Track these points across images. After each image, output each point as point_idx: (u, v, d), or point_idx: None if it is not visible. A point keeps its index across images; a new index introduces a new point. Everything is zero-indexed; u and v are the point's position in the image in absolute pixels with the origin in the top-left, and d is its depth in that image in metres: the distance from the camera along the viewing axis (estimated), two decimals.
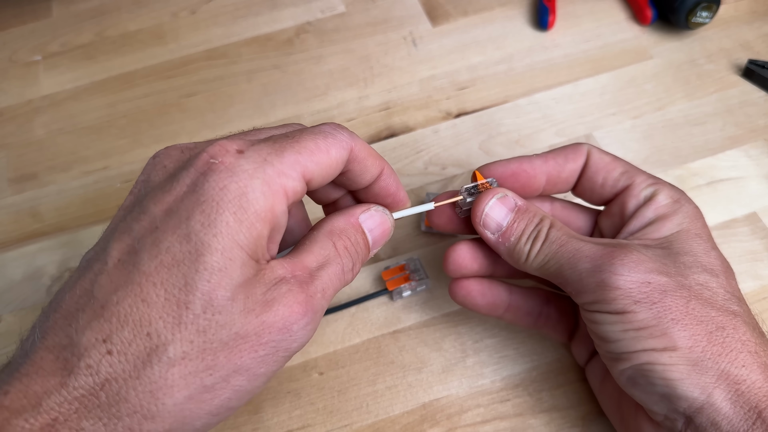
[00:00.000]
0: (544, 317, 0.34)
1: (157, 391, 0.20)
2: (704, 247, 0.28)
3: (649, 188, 0.30)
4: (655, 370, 0.25)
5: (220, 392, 0.22)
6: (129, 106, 0.50)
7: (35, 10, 0.57)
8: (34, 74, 0.52)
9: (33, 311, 0.40)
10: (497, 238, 0.30)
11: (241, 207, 0.21)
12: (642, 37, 0.51)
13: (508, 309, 0.34)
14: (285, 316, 0.22)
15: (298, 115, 0.48)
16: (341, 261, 0.26)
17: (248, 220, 0.22)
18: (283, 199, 0.23)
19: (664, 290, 0.26)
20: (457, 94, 0.49)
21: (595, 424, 0.34)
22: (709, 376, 0.24)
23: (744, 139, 0.44)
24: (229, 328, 0.21)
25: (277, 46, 0.53)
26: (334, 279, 0.25)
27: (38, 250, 0.43)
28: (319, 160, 0.24)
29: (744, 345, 0.25)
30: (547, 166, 0.32)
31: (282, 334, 0.22)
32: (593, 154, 0.32)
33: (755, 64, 0.47)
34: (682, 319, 0.25)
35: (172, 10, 0.56)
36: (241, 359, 0.22)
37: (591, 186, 0.32)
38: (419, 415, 0.35)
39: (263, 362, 0.22)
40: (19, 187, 0.46)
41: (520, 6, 0.53)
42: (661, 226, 0.29)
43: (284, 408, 0.35)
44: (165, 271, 0.21)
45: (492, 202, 0.30)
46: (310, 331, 0.23)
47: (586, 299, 0.27)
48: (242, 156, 0.22)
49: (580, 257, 0.27)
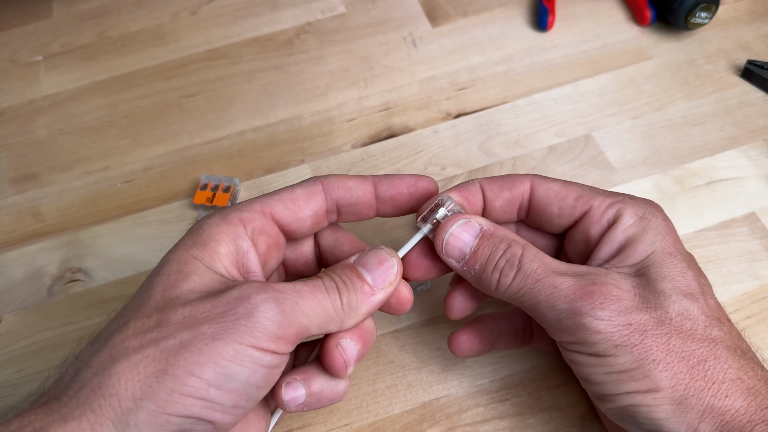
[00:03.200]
0: (528, 332, 0.34)
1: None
2: (680, 269, 0.28)
3: (611, 210, 0.29)
4: (640, 412, 0.25)
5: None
6: (130, 107, 0.50)
7: (36, 10, 0.57)
8: (35, 74, 0.53)
9: (34, 311, 0.40)
10: (462, 265, 0.29)
11: (197, 233, 0.27)
12: (641, 38, 0.51)
13: (500, 338, 0.33)
14: (242, 291, 0.25)
15: (298, 115, 0.48)
16: (324, 291, 0.27)
17: (201, 241, 0.27)
18: (238, 226, 0.28)
19: (644, 330, 0.26)
20: (456, 95, 0.49)
21: (594, 423, 0.34)
22: (693, 413, 0.25)
23: (743, 140, 0.45)
24: (184, 309, 0.24)
25: (277, 47, 0.53)
26: (312, 303, 0.26)
27: (39, 250, 0.43)
28: (282, 197, 0.29)
29: (726, 374, 0.25)
30: (482, 192, 0.31)
31: (239, 303, 0.24)
32: (539, 185, 0.31)
33: (754, 65, 0.47)
34: (664, 359, 0.25)
35: (173, 11, 0.56)
36: (201, 327, 0.24)
37: (547, 217, 0.31)
38: (419, 414, 0.35)
39: (224, 331, 0.23)
40: (20, 187, 0.46)
41: (519, 7, 0.54)
42: (633, 249, 0.28)
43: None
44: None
45: (453, 228, 0.29)
46: (276, 313, 0.24)
47: (564, 339, 0.27)
48: (216, 212, 0.29)
49: (557, 296, 0.27)
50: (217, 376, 0.23)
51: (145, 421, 0.22)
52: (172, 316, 0.24)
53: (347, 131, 0.47)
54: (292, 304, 0.25)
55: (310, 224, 0.30)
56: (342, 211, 0.31)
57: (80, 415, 0.22)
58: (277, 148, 0.47)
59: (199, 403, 0.23)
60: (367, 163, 0.45)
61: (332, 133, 0.47)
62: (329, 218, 0.31)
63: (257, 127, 0.48)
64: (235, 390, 0.24)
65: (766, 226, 0.41)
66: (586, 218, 0.30)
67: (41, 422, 0.22)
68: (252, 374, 0.24)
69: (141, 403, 0.22)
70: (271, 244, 0.29)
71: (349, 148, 0.46)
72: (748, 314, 0.37)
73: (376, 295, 0.28)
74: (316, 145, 0.47)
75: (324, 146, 0.47)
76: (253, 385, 0.24)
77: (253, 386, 0.24)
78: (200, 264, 0.26)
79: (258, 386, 0.24)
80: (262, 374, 0.24)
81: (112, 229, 0.44)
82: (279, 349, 0.24)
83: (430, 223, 0.30)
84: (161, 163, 0.47)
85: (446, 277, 0.37)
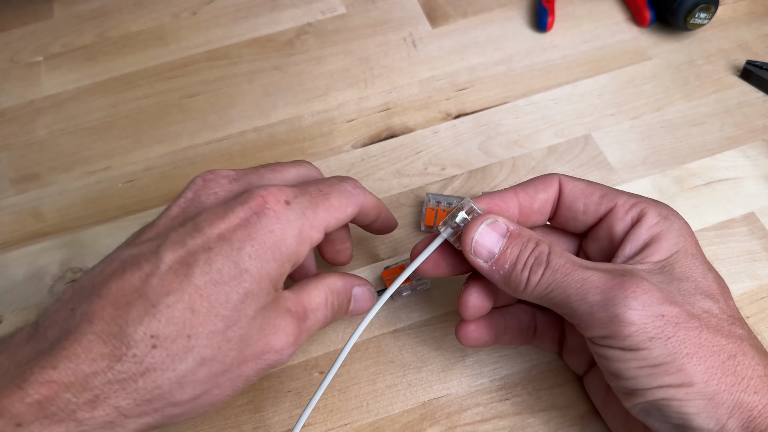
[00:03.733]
0: (532, 330, 0.34)
1: (185, 384, 0.24)
2: (701, 270, 0.28)
3: (635, 209, 0.30)
4: (671, 406, 0.25)
5: (222, 391, 0.27)
6: (130, 107, 0.50)
7: (37, 11, 0.57)
8: (35, 75, 0.53)
9: (35, 311, 0.40)
10: (491, 266, 0.29)
11: (278, 249, 0.27)
12: (640, 38, 0.51)
13: (505, 332, 0.33)
14: (282, 342, 0.28)
15: (298, 115, 0.49)
16: (326, 313, 0.30)
17: (280, 259, 0.27)
18: (308, 247, 0.28)
19: (677, 323, 0.25)
20: (456, 95, 0.49)
21: (594, 423, 0.34)
22: (723, 408, 0.25)
23: (742, 140, 0.45)
24: (245, 343, 0.26)
25: (277, 47, 0.53)
26: (316, 324, 0.30)
27: (40, 251, 0.43)
28: (338, 216, 0.30)
29: (754, 370, 0.25)
30: (517, 198, 0.31)
31: (276, 355, 0.28)
32: (566, 183, 0.31)
33: (753, 65, 0.47)
34: (697, 353, 0.25)
35: (173, 11, 0.56)
36: (246, 369, 0.27)
37: (573, 215, 0.31)
38: (419, 413, 0.35)
39: (257, 374, 0.27)
40: (21, 188, 0.46)
41: (519, 7, 0.54)
42: (658, 247, 0.28)
43: (285, 407, 0.36)
44: (212, 287, 0.25)
45: (482, 228, 0.29)
46: (290, 356, 0.29)
47: (596, 333, 0.26)
48: (288, 207, 0.28)
49: (588, 288, 0.26)
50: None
51: None
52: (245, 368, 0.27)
53: (347, 131, 0.47)
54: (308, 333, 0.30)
55: None
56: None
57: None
58: (278, 149, 0.47)
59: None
60: (367, 163, 0.46)
61: (332, 133, 0.47)
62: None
63: (257, 128, 0.48)
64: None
65: (766, 226, 0.41)
66: (611, 215, 0.30)
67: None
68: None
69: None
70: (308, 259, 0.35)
71: (349, 148, 0.47)
72: (747, 314, 0.37)
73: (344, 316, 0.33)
74: (316, 146, 0.47)
75: (324, 146, 0.47)
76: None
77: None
78: (270, 287, 0.28)
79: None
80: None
81: (113, 230, 0.44)
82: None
83: (450, 227, 0.30)
84: (162, 163, 0.47)
85: (445, 278, 0.37)
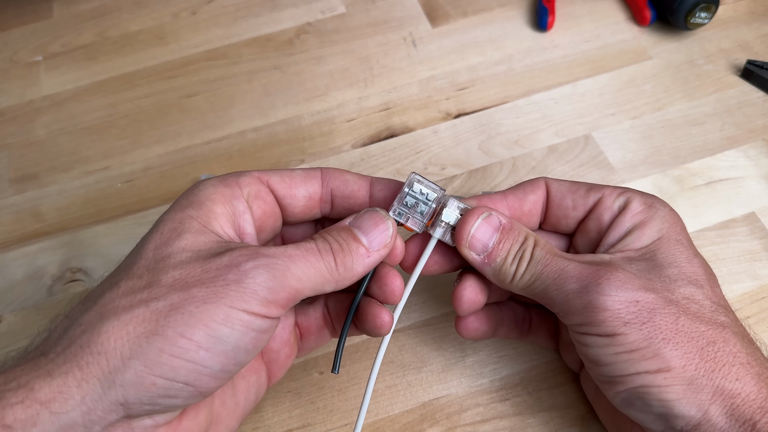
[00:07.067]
0: (527, 323, 0.34)
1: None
2: (686, 255, 0.28)
3: (621, 197, 0.30)
4: (650, 393, 0.25)
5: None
6: (130, 107, 0.50)
7: (36, 10, 0.57)
8: (35, 74, 0.53)
9: (34, 311, 0.40)
10: (483, 259, 0.29)
11: (193, 193, 0.28)
12: (641, 38, 0.51)
13: (501, 324, 0.34)
14: (232, 257, 0.24)
15: (298, 115, 0.48)
16: (317, 253, 0.26)
17: (198, 201, 0.27)
18: (234, 188, 0.28)
19: (653, 308, 0.26)
20: (456, 95, 0.49)
21: (594, 423, 0.34)
22: (704, 394, 0.25)
23: (742, 140, 0.45)
24: (175, 272, 0.24)
25: (277, 47, 0.53)
26: (305, 266, 0.26)
27: (39, 250, 0.43)
28: (280, 172, 0.30)
29: (735, 357, 0.25)
30: (506, 200, 0.31)
31: (229, 270, 0.24)
32: (552, 183, 0.32)
33: (754, 65, 0.47)
34: (673, 338, 0.25)
35: (173, 11, 0.56)
36: (191, 290, 0.24)
37: (563, 212, 0.31)
38: (419, 414, 0.35)
39: (214, 295, 0.23)
40: (20, 187, 0.46)
41: (519, 7, 0.54)
42: (640, 234, 0.29)
43: (284, 407, 0.36)
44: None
45: (478, 222, 0.29)
46: (267, 278, 0.24)
47: (574, 320, 0.27)
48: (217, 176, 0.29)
49: (565, 277, 0.27)
50: (207, 338, 0.23)
51: (132, 382, 0.22)
52: (163, 278, 0.24)
53: (347, 131, 0.47)
54: (283, 269, 0.25)
55: (302, 204, 0.31)
56: (335, 203, 0.31)
57: (66, 372, 0.22)
58: (277, 148, 0.47)
59: (187, 366, 0.23)
60: (367, 163, 0.46)
61: (332, 133, 0.47)
62: (323, 208, 0.31)
63: (257, 127, 0.48)
64: (224, 353, 0.23)
65: (766, 226, 0.41)
66: (599, 206, 0.30)
67: (26, 377, 0.21)
68: (242, 337, 0.24)
69: (129, 362, 0.22)
70: (267, 211, 0.30)
71: (349, 148, 0.46)
72: (747, 314, 0.37)
73: (371, 257, 0.28)
74: (316, 145, 0.47)
75: (324, 146, 0.47)
76: (243, 348, 0.24)
77: (242, 350, 0.24)
78: (195, 223, 0.26)
79: (247, 350, 0.24)
80: (252, 338, 0.24)
81: (113, 229, 0.44)
82: (270, 314, 0.24)
83: (438, 227, 0.30)
84: (161, 163, 0.47)
85: (445, 277, 0.37)
